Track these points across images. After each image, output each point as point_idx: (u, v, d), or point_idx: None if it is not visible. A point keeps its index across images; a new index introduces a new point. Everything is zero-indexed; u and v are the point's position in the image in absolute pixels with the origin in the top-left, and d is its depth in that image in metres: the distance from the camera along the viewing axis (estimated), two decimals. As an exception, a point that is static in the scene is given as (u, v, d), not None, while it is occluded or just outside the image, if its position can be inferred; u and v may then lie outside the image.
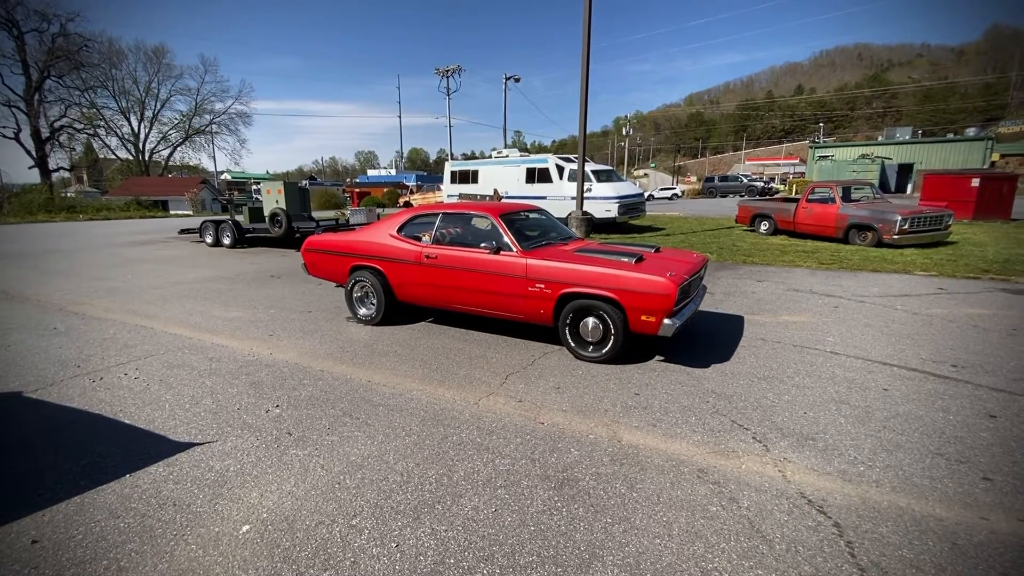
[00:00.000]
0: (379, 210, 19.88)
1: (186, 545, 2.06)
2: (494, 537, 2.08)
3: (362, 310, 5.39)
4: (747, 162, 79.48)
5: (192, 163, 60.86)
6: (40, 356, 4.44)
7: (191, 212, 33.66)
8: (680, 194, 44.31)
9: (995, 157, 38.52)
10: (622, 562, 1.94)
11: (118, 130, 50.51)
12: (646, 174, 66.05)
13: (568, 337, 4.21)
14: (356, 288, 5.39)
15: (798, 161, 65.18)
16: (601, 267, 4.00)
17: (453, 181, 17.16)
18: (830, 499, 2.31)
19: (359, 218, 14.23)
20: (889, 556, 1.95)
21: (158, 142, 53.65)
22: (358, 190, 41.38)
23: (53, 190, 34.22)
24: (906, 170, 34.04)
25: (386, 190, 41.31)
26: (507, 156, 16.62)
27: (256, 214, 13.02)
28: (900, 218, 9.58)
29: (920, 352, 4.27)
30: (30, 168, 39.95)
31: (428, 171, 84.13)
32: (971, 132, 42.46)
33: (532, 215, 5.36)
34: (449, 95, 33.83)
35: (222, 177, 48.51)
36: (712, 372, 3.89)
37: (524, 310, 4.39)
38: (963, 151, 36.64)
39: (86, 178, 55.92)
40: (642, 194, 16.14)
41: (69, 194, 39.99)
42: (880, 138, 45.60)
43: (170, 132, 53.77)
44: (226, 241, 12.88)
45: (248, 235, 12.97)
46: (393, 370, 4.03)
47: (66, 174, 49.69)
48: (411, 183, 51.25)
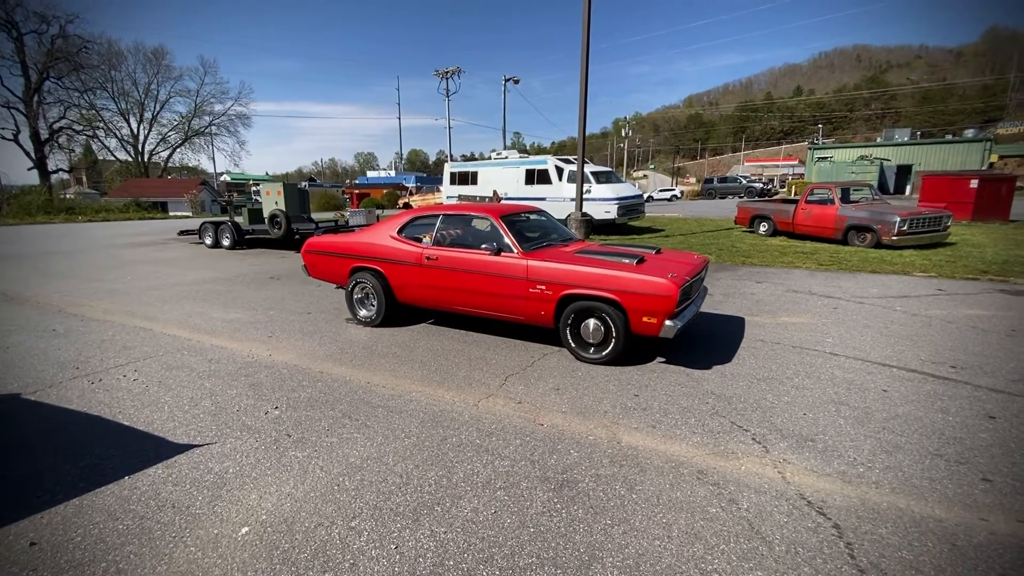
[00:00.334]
0: (378, 211, 19.92)
1: (185, 547, 2.05)
2: (493, 539, 2.08)
3: (362, 311, 5.39)
4: (746, 163, 79.61)
5: (191, 165, 61.00)
6: (39, 358, 4.43)
7: (190, 213, 33.66)
8: (679, 195, 44.39)
9: (993, 158, 38.56)
10: (622, 564, 1.94)
11: (117, 131, 50.66)
12: (645, 175, 66.18)
13: (569, 338, 4.21)
14: (356, 289, 5.38)
15: (797, 162, 65.33)
16: (602, 268, 4.01)
17: (452, 182, 17.18)
18: (830, 500, 2.31)
19: (358, 219, 14.25)
20: (889, 557, 1.95)
21: (157, 144, 53.78)
22: (357, 191, 41.45)
23: (52, 191, 34.25)
24: (905, 171, 34.11)
25: (385, 191, 41.37)
26: (506, 157, 16.64)
27: (255, 215, 13.03)
28: (899, 219, 9.60)
29: (919, 353, 4.28)
30: (29, 169, 40.02)
31: (427, 172, 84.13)
32: (969, 133, 42.58)
33: (532, 216, 5.36)
34: (448, 96, 33.88)
35: (221, 179, 48.56)
36: (711, 373, 3.89)
37: (525, 311, 4.39)
38: (962, 152, 36.74)
39: (85, 179, 55.95)
40: (641, 195, 16.17)
41: (68, 195, 40.05)
42: (879, 139, 45.70)
43: (169, 134, 53.90)
44: (225, 242, 12.89)
45: (247, 236, 12.97)
46: (392, 371, 4.03)
47: (65, 175, 49.72)
48: (410, 184, 51.34)
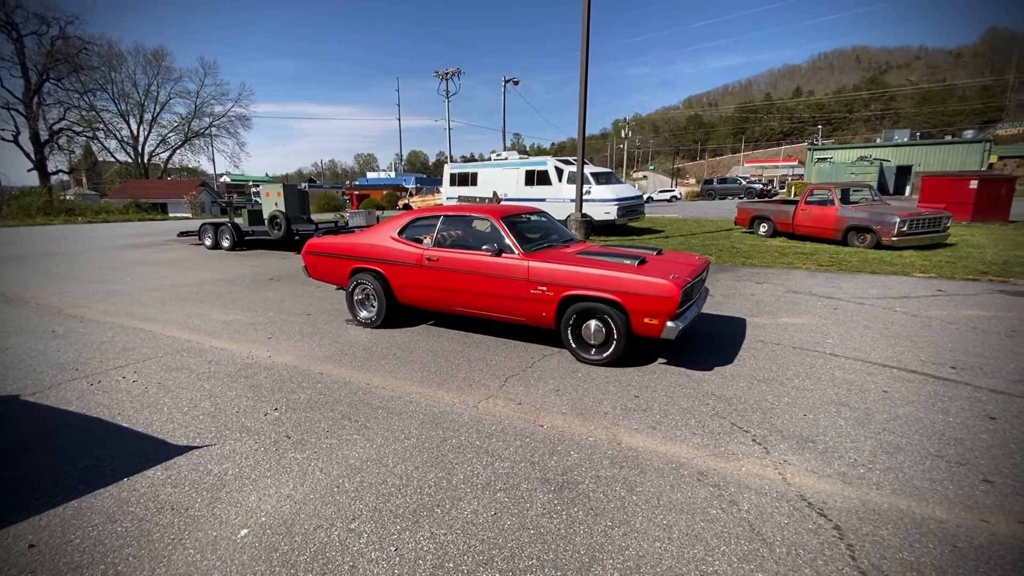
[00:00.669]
0: (378, 212, 19.91)
1: (184, 550, 2.05)
2: (493, 540, 2.08)
3: (363, 312, 5.38)
4: (746, 164, 79.70)
5: (191, 166, 61.11)
6: (38, 359, 4.43)
7: (190, 215, 33.69)
8: (679, 196, 44.39)
9: (993, 159, 38.62)
10: (622, 565, 1.93)
11: (117, 133, 50.76)
12: (645, 176, 66.27)
13: (570, 340, 4.20)
14: (357, 290, 5.38)
15: (797, 163, 65.40)
16: (604, 269, 4.00)
17: (452, 183, 17.18)
18: (830, 502, 2.30)
19: (358, 220, 14.25)
20: (890, 559, 1.94)
21: (157, 145, 53.88)
22: (357, 192, 41.51)
23: (52, 193, 34.28)
24: (904, 172, 34.13)
25: (385, 192, 41.39)
26: (506, 158, 16.65)
27: (255, 217, 13.03)
28: (899, 220, 9.60)
29: (919, 354, 4.27)
30: (29, 171, 40.08)
31: (427, 173, 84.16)
32: (969, 134, 42.61)
33: (533, 217, 5.36)
34: (448, 98, 33.91)
35: (221, 180, 48.52)
36: (711, 374, 3.89)
37: (526, 312, 4.39)
38: (961, 153, 36.78)
39: (85, 181, 55.98)
40: (641, 196, 16.17)
41: (68, 197, 40.12)
42: (878, 140, 45.75)
43: (169, 135, 54.00)
44: (225, 244, 12.89)
45: (247, 238, 12.98)
46: (392, 373, 4.02)
47: (65, 177, 49.72)
48: (410, 185, 51.38)
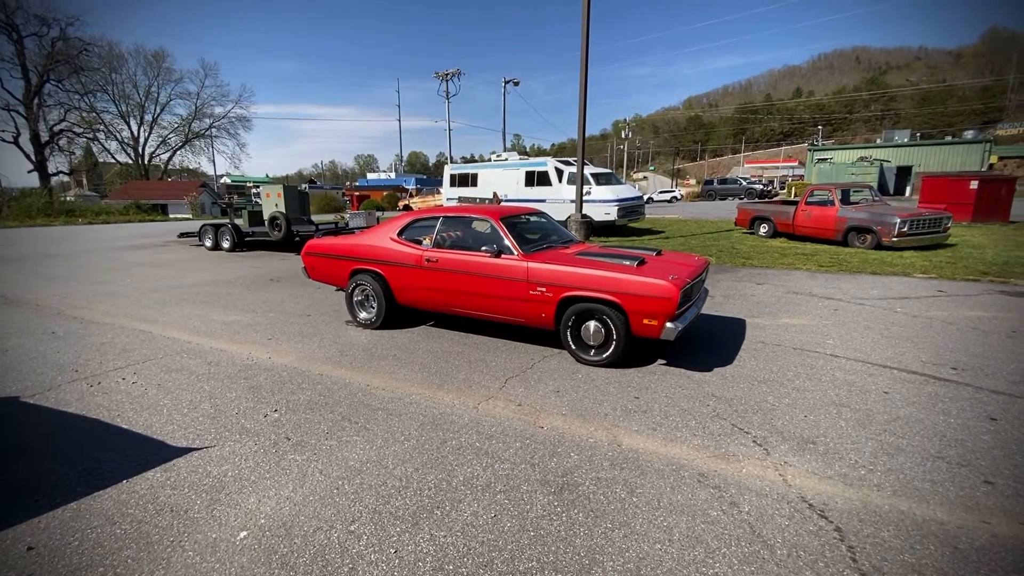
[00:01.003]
0: (378, 213, 19.93)
1: (183, 552, 2.04)
2: (493, 542, 2.07)
3: (362, 314, 5.38)
4: (746, 165, 79.67)
5: (191, 167, 61.20)
6: (38, 360, 4.42)
7: (190, 216, 33.71)
8: (679, 197, 44.38)
9: (993, 159, 38.60)
10: (622, 567, 1.92)
11: (117, 134, 50.81)
12: (645, 177, 66.21)
13: (570, 341, 4.20)
14: (356, 292, 5.37)
15: (797, 164, 65.38)
16: (603, 270, 4.00)
17: (452, 184, 17.18)
18: (831, 503, 2.30)
19: (358, 221, 14.27)
20: (891, 561, 1.94)
21: (157, 146, 53.95)
22: (357, 194, 41.52)
23: (52, 194, 34.29)
24: (905, 172, 34.13)
25: (385, 193, 41.41)
26: (506, 159, 16.66)
27: (255, 218, 13.04)
28: (899, 220, 9.60)
29: (920, 355, 4.27)
30: (29, 172, 40.13)
31: (427, 174, 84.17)
32: (969, 135, 42.58)
33: (533, 218, 5.36)
34: (448, 99, 33.93)
35: (221, 181, 48.51)
36: (712, 375, 3.88)
37: (525, 313, 4.38)
38: (961, 153, 36.78)
39: (85, 182, 56.02)
40: (641, 197, 16.18)
41: (68, 198, 40.15)
42: (878, 141, 45.75)
43: (170, 136, 54.05)
44: (225, 245, 12.89)
45: (247, 239, 12.99)
46: (392, 374, 4.02)
47: (65, 178, 49.79)
48: (410, 186, 51.36)
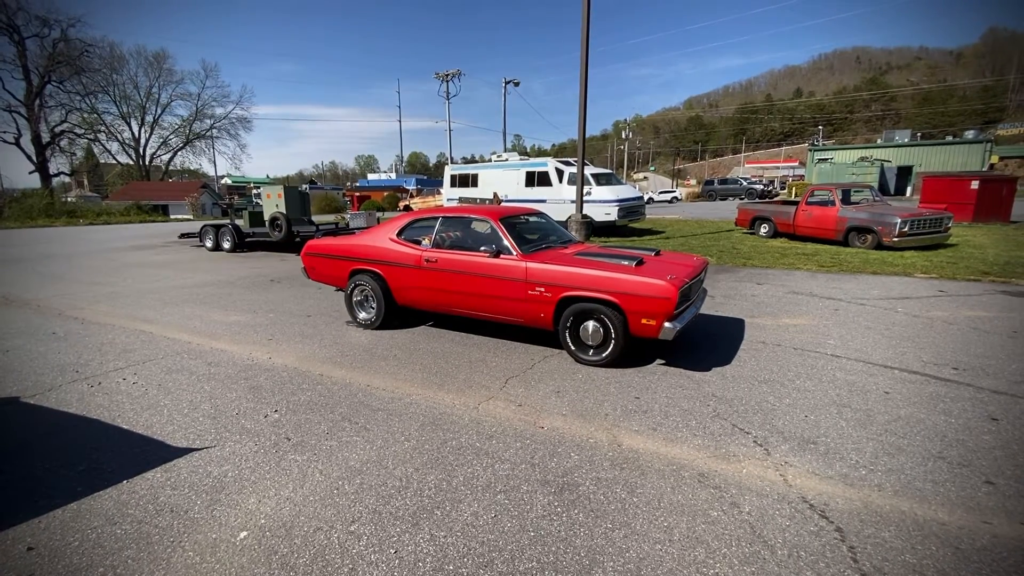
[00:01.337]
0: (379, 214, 19.94)
1: (183, 552, 2.04)
2: (494, 543, 2.07)
3: (362, 314, 5.38)
4: (746, 165, 79.60)
5: (192, 168, 61.24)
6: (38, 361, 4.43)
7: (191, 216, 33.76)
8: (679, 197, 44.36)
9: (994, 159, 38.59)
10: (623, 568, 1.92)
11: (119, 135, 50.88)
12: (645, 177, 66.18)
13: (568, 341, 4.20)
14: (356, 292, 5.37)
15: (797, 164, 65.33)
16: (601, 270, 4.00)
17: (453, 185, 17.18)
18: (832, 503, 2.29)
19: (359, 222, 14.28)
20: (892, 561, 1.93)
21: (159, 147, 54.03)
22: (358, 194, 41.54)
23: (54, 195, 34.38)
24: (905, 173, 34.14)
25: (386, 194, 41.43)
26: (507, 160, 16.65)
27: (256, 218, 13.05)
28: (899, 220, 9.59)
29: (921, 355, 4.26)
30: (31, 173, 40.18)
31: (428, 175, 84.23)
32: (970, 135, 42.55)
33: (532, 218, 5.36)
34: (449, 99, 33.96)
35: (222, 181, 48.65)
36: (712, 375, 3.88)
37: (524, 314, 4.38)
38: (962, 153, 36.74)
39: (86, 183, 56.03)
40: (641, 197, 16.17)
41: (70, 199, 40.20)
42: (879, 141, 45.73)
43: (170, 137, 54.13)
44: (226, 245, 12.90)
45: (248, 239, 12.99)
46: (392, 374, 4.02)
47: (67, 179, 49.87)
48: (411, 187, 51.41)
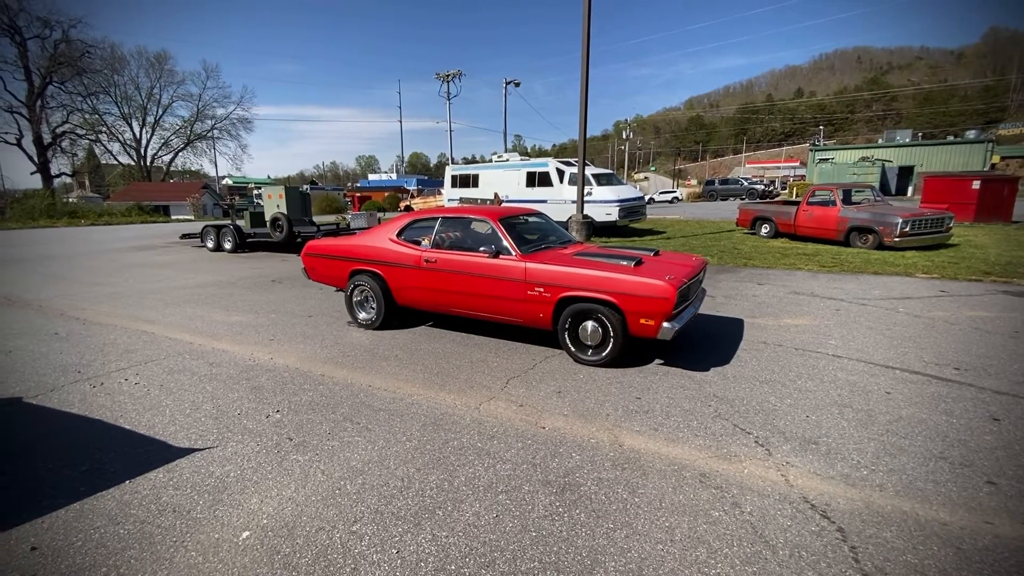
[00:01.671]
0: (380, 214, 19.96)
1: (186, 552, 2.05)
2: (495, 543, 2.07)
3: (362, 314, 5.39)
4: (747, 165, 79.51)
5: (193, 168, 61.31)
6: (41, 361, 4.44)
7: (192, 217, 33.80)
8: (680, 197, 44.33)
9: (995, 159, 38.54)
10: (624, 568, 1.92)
11: (120, 136, 50.91)
12: (646, 177, 66.08)
13: (567, 341, 4.20)
14: (356, 292, 5.38)
15: (798, 164, 65.27)
16: (600, 270, 4.00)
17: (454, 185, 17.19)
18: (833, 504, 2.29)
19: (360, 222, 14.29)
20: (893, 561, 1.93)
21: (160, 147, 54.03)
22: (359, 194, 41.54)
23: (55, 195, 34.42)
24: (906, 172, 34.13)
25: (387, 194, 41.45)
26: (507, 160, 16.65)
27: (257, 219, 13.06)
28: (901, 220, 9.58)
29: (922, 355, 4.26)
30: (32, 174, 40.18)
31: (429, 175, 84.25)
32: (971, 135, 42.53)
33: (531, 219, 5.37)
34: (449, 99, 34.00)
35: (223, 182, 48.67)
36: (714, 376, 3.88)
37: (523, 314, 4.39)
38: (963, 153, 36.70)
39: (88, 183, 56.09)
40: (642, 197, 16.17)
41: (71, 199, 40.21)
42: (880, 141, 45.69)
43: (172, 138, 54.13)
44: (227, 246, 12.92)
45: (249, 240, 13.01)
46: (394, 375, 4.02)
47: (68, 179, 49.90)
48: (412, 187, 51.42)
